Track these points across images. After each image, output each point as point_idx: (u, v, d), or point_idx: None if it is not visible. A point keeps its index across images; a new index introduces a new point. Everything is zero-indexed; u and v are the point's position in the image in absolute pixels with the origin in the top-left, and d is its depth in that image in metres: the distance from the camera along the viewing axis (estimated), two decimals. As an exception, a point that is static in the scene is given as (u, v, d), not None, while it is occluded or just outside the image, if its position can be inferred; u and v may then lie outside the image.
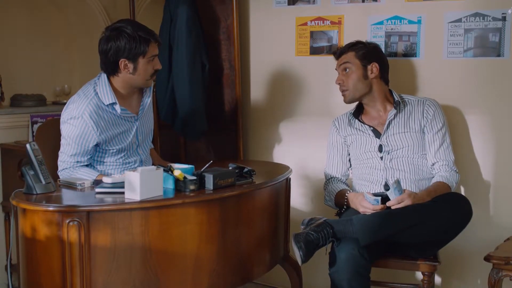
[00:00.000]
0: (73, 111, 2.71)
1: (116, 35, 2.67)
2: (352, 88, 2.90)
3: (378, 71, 2.91)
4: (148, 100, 2.88)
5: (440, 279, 3.22)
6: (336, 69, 2.98)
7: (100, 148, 2.77)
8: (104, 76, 2.76)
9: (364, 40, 3.01)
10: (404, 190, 2.68)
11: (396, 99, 2.92)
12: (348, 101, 2.95)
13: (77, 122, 2.68)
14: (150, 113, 2.98)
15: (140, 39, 2.67)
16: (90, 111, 2.68)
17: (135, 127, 2.84)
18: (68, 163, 2.73)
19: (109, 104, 2.72)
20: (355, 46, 2.95)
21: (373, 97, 2.93)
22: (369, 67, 2.89)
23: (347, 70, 2.91)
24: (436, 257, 2.74)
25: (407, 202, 2.62)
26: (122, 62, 2.69)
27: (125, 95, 2.80)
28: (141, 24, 2.78)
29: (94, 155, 2.79)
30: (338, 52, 2.98)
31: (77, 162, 2.73)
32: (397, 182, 2.65)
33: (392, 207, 2.62)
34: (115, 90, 2.75)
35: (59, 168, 2.76)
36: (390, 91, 2.97)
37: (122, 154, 2.82)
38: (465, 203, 2.69)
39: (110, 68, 2.73)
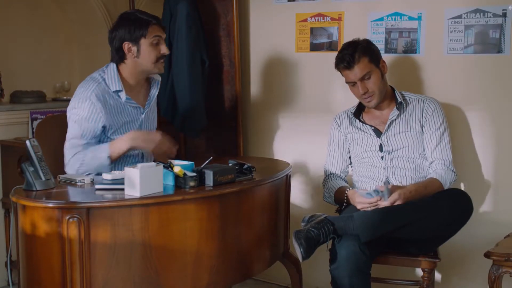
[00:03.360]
0: (81, 94, 2.72)
1: (118, 22, 2.78)
2: (378, 91, 2.83)
3: (387, 66, 2.91)
4: (155, 92, 2.92)
5: (440, 276, 3.22)
6: (350, 81, 2.84)
7: (105, 137, 2.77)
8: (113, 65, 2.80)
9: (356, 38, 2.91)
10: (391, 186, 2.67)
11: (399, 100, 2.90)
12: (374, 106, 2.88)
13: (85, 104, 2.69)
14: (154, 111, 3.01)
15: (140, 21, 2.73)
16: (97, 93, 2.71)
17: (141, 119, 2.85)
18: (78, 147, 2.71)
19: (115, 91, 2.75)
20: (361, 49, 2.82)
21: (384, 96, 2.91)
22: (380, 66, 2.86)
23: (366, 76, 2.81)
24: (436, 253, 2.74)
25: (398, 202, 2.62)
26: (126, 45, 2.73)
27: (133, 86, 2.82)
28: (145, 11, 2.85)
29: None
30: (348, 62, 2.80)
31: (87, 144, 2.72)
32: (386, 187, 2.64)
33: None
34: (123, 80, 2.79)
35: (68, 156, 2.73)
36: (392, 89, 2.96)
37: None
38: (466, 199, 2.69)
39: (118, 56, 2.78)
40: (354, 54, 2.80)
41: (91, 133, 2.72)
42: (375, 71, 2.83)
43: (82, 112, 2.70)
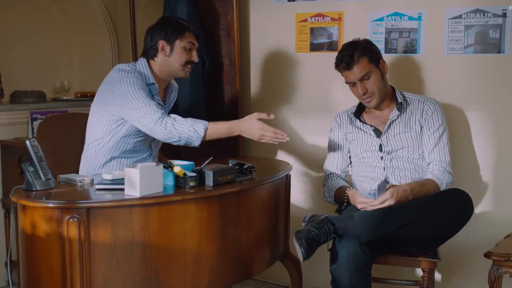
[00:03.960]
0: (123, 75, 2.74)
1: (159, 23, 2.91)
2: (378, 91, 2.83)
3: (387, 66, 2.90)
4: (174, 96, 3.02)
5: (440, 276, 3.22)
6: (349, 82, 2.84)
7: (126, 124, 2.77)
8: (144, 60, 2.87)
9: (356, 39, 2.90)
10: (388, 186, 2.66)
11: (400, 100, 2.90)
12: (374, 106, 2.89)
13: (134, 79, 2.73)
14: None
15: (179, 25, 2.88)
16: (139, 80, 2.76)
17: None
18: (160, 110, 2.68)
19: (150, 83, 2.82)
20: (360, 50, 2.82)
21: (384, 96, 2.91)
22: (380, 66, 2.86)
23: (366, 77, 2.82)
24: (436, 253, 2.74)
25: (389, 202, 2.59)
26: (160, 43, 2.84)
27: (158, 84, 2.87)
28: (185, 19, 3.01)
29: (123, 141, 2.80)
30: (348, 63, 2.81)
31: (157, 105, 2.71)
32: (383, 184, 2.64)
33: (377, 207, 2.61)
34: (153, 74, 2.86)
35: (150, 123, 2.65)
36: (392, 89, 2.96)
37: (140, 138, 2.83)
38: (466, 199, 2.69)
39: (150, 51, 2.87)
40: (354, 55, 2.80)
41: (150, 96, 2.75)
42: (374, 71, 2.83)
43: (138, 84, 2.72)
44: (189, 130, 2.63)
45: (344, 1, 3.38)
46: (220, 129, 2.70)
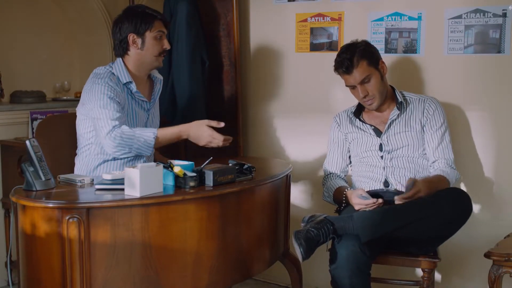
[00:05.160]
0: (95, 81, 2.73)
1: (124, 15, 2.84)
2: (379, 94, 2.83)
3: (386, 66, 2.90)
4: (159, 88, 2.96)
5: (440, 276, 3.22)
6: (349, 84, 2.84)
7: None
8: (119, 60, 2.84)
9: (354, 40, 2.89)
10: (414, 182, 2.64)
11: (400, 100, 2.90)
12: (375, 108, 2.88)
13: (103, 87, 2.70)
14: (157, 109, 3.03)
15: (146, 14, 2.81)
16: (111, 82, 2.73)
17: (147, 115, 2.88)
18: (114, 122, 2.66)
19: (126, 83, 2.79)
20: (359, 53, 2.80)
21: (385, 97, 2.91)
22: (379, 67, 2.85)
23: (366, 80, 2.81)
24: (436, 253, 2.74)
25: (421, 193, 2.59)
26: (131, 36, 2.79)
27: (138, 80, 2.85)
28: (150, 7, 2.91)
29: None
30: (347, 67, 2.79)
31: (118, 118, 2.66)
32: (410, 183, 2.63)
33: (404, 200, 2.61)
34: (130, 73, 2.82)
35: (103, 133, 2.64)
36: (392, 89, 2.96)
37: None
38: (465, 198, 2.68)
39: (121, 48, 2.82)
40: (353, 59, 2.78)
41: (117, 108, 2.68)
42: (374, 73, 2.82)
43: (104, 93, 2.68)
44: (138, 140, 2.63)
45: (344, 1, 3.38)
46: (169, 134, 2.70)
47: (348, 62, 2.79)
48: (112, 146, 2.63)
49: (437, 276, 3.20)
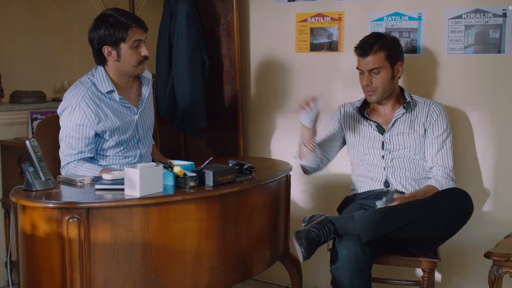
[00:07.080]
0: (70, 99, 2.71)
1: (98, 24, 2.71)
2: (382, 89, 2.84)
3: (402, 70, 2.89)
4: (146, 92, 2.88)
5: (440, 276, 3.22)
6: (359, 68, 2.85)
7: (101, 140, 2.76)
8: (100, 68, 2.77)
9: (387, 33, 2.88)
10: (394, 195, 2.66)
11: (408, 99, 2.90)
12: (374, 101, 2.89)
13: (75, 111, 2.68)
14: (150, 108, 2.97)
15: (119, 25, 2.66)
16: (87, 99, 2.68)
17: (135, 120, 2.84)
18: (71, 156, 2.70)
19: (107, 92, 2.73)
20: (383, 43, 2.81)
21: (390, 96, 2.91)
22: (395, 67, 2.85)
23: (375, 71, 2.82)
24: (436, 253, 2.74)
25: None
26: (105, 49, 2.70)
27: (122, 87, 2.80)
28: (126, 11, 2.79)
29: (97, 147, 2.78)
30: (365, 50, 2.80)
31: (80, 153, 2.70)
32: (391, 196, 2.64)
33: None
34: (112, 81, 2.76)
35: (62, 163, 2.74)
36: (401, 89, 2.96)
37: (122, 148, 2.81)
38: (466, 198, 2.68)
39: (99, 58, 2.75)
40: (373, 45, 2.80)
41: (83, 142, 2.69)
42: (387, 69, 2.82)
43: (73, 119, 2.68)
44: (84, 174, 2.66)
45: (344, 1, 3.38)
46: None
47: (367, 46, 2.81)
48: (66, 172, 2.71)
49: (437, 276, 3.20)
